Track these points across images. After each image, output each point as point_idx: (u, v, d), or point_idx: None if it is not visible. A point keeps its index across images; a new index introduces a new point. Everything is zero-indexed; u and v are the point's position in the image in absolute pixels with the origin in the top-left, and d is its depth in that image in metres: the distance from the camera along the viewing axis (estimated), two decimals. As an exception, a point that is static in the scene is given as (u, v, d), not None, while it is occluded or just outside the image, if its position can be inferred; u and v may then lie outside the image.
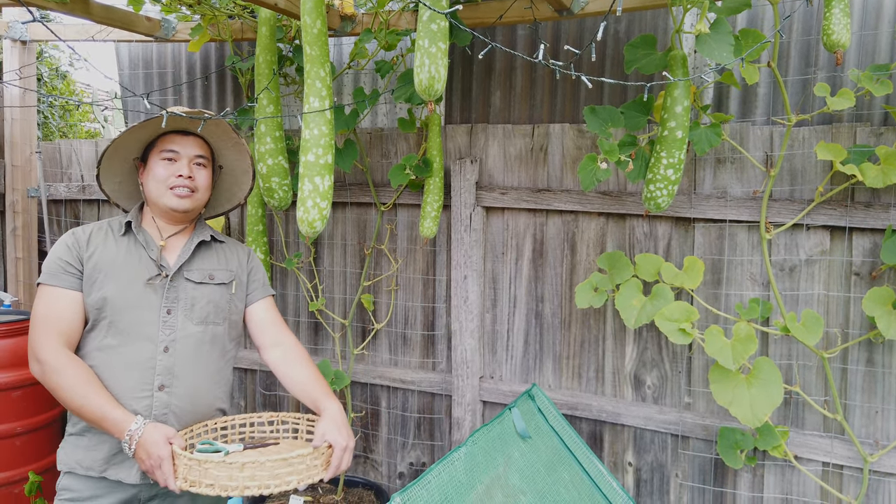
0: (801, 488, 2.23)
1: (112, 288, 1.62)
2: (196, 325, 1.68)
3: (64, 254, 1.63)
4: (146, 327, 1.62)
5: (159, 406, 1.61)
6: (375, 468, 2.92)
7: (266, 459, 1.40)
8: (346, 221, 2.87)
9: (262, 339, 1.80)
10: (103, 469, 1.60)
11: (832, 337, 2.18)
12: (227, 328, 1.75)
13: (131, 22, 2.68)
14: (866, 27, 2.25)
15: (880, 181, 1.94)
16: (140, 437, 1.49)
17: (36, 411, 2.79)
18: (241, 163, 1.84)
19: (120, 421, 1.51)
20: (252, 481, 1.41)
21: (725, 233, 2.28)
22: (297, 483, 1.44)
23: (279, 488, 1.42)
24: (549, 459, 2.13)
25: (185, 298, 1.68)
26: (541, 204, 2.49)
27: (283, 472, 1.43)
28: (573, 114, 2.67)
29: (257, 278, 1.84)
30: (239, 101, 3.12)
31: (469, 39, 2.21)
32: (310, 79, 1.86)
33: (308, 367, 1.75)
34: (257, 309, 1.82)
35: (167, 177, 1.68)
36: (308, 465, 1.47)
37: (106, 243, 1.67)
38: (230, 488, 1.40)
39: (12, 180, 3.24)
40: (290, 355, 1.77)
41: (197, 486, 1.43)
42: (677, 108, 1.98)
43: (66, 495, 1.62)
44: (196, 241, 1.74)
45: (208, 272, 1.73)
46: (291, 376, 1.74)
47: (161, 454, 1.47)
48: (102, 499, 1.61)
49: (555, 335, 2.56)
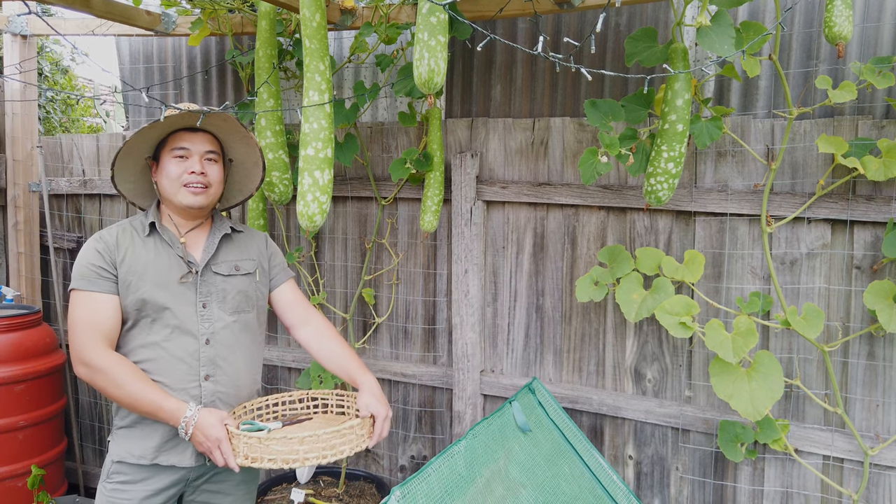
0: (801, 481, 2.23)
1: (148, 289, 1.69)
2: (230, 316, 1.77)
3: (96, 259, 1.69)
4: (187, 322, 1.71)
5: (207, 395, 1.72)
6: (377, 461, 2.92)
7: (322, 432, 1.54)
8: (347, 216, 2.87)
9: (291, 319, 1.91)
10: (154, 457, 1.70)
11: (833, 330, 2.17)
12: (255, 314, 1.85)
13: (131, 16, 2.68)
14: (868, 19, 2.24)
15: (882, 174, 1.94)
16: (196, 422, 1.60)
17: (39, 405, 2.80)
18: (250, 155, 1.88)
19: (175, 409, 1.61)
20: (311, 453, 1.54)
21: (726, 226, 2.27)
22: (350, 451, 1.60)
23: (335, 457, 1.57)
24: (549, 453, 2.14)
25: (216, 291, 1.77)
26: (541, 198, 2.49)
27: (338, 442, 1.57)
28: (574, 107, 2.66)
29: (278, 262, 1.94)
30: (239, 96, 3.12)
31: (469, 33, 2.20)
32: (309, 72, 1.86)
33: (340, 342, 1.88)
34: (282, 291, 1.92)
35: (180, 174, 1.73)
36: (357, 434, 1.63)
37: (134, 246, 1.73)
38: (291, 461, 1.53)
39: (13, 175, 3.24)
40: (322, 332, 1.88)
41: (259, 461, 1.56)
42: (678, 102, 1.97)
43: (119, 478, 1.71)
44: (219, 236, 1.81)
45: (234, 264, 1.82)
46: (326, 352, 1.86)
47: (219, 435, 1.58)
48: (154, 480, 1.71)
49: (555, 329, 2.56)
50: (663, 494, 2.43)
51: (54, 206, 3.34)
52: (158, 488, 1.71)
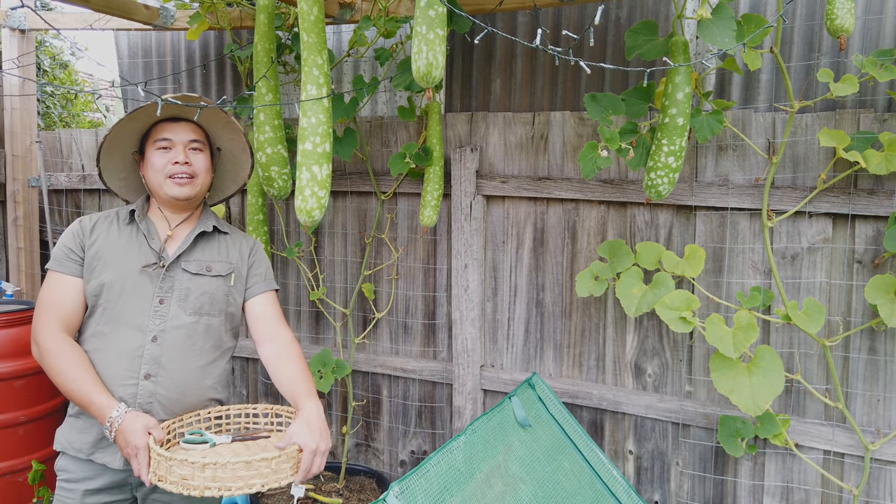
0: (801, 476, 2.23)
1: (109, 275, 1.64)
2: (189, 316, 1.68)
3: (69, 241, 1.67)
4: (137, 316, 1.64)
5: (144, 395, 1.63)
6: (377, 456, 2.92)
7: (227, 461, 1.37)
8: (347, 210, 2.86)
9: (258, 334, 1.79)
10: (91, 452, 1.65)
11: (834, 325, 2.17)
12: (223, 320, 1.74)
13: (130, 10, 2.67)
14: (870, 12, 2.22)
15: (884, 168, 1.92)
16: (120, 425, 1.51)
17: (39, 400, 2.80)
18: (237, 142, 1.83)
19: (103, 406, 1.54)
20: (213, 482, 1.37)
21: (727, 221, 2.26)
22: (262, 487, 1.40)
23: (241, 491, 1.39)
24: (549, 448, 2.13)
25: (179, 289, 1.68)
26: (541, 192, 2.48)
27: (246, 474, 1.39)
28: (574, 101, 2.65)
29: (258, 272, 1.82)
30: (238, 90, 3.11)
31: (469, 26, 2.19)
32: (307, 66, 1.85)
33: (296, 364, 1.72)
34: (256, 303, 1.80)
35: (164, 165, 1.69)
36: (274, 468, 1.43)
37: (109, 232, 1.70)
38: (192, 487, 1.38)
39: (13, 170, 3.24)
40: (282, 352, 1.74)
41: (164, 481, 1.42)
42: (679, 95, 1.96)
43: (64, 476, 1.68)
44: (196, 232, 1.74)
45: (206, 263, 1.73)
46: (279, 373, 1.72)
47: (138, 444, 1.48)
48: (94, 480, 1.66)
49: (555, 324, 2.55)
50: (663, 489, 2.43)
51: (54, 201, 3.33)
52: (98, 487, 1.65)
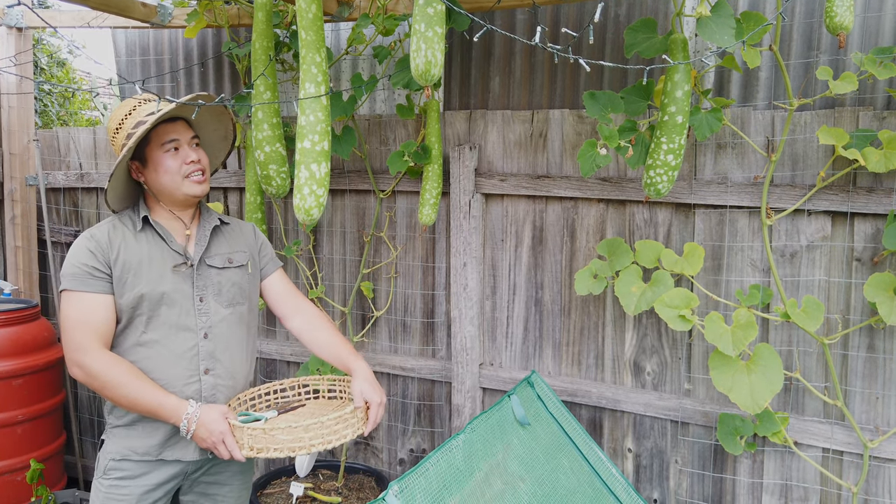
0: (800, 474, 2.23)
1: (144, 285, 1.67)
2: (226, 309, 1.77)
3: (88, 259, 1.65)
4: (184, 318, 1.71)
5: (207, 388, 1.73)
6: (376, 455, 2.92)
7: (325, 419, 1.58)
8: (346, 209, 2.85)
9: (282, 309, 1.91)
10: (159, 452, 1.71)
11: (833, 323, 2.17)
12: (248, 306, 1.85)
13: (127, 8, 2.66)
14: (870, 9, 2.22)
15: (883, 166, 1.92)
16: (198, 419, 1.61)
17: (37, 399, 2.80)
18: (218, 132, 1.90)
19: (176, 407, 1.61)
20: (315, 440, 1.57)
21: (726, 219, 2.26)
22: (352, 435, 1.64)
23: (338, 442, 1.61)
24: (548, 446, 2.13)
25: (212, 285, 1.76)
26: (540, 190, 2.47)
27: (341, 427, 1.61)
28: (573, 99, 2.64)
29: (267, 253, 1.94)
30: (237, 88, 3.10)
31: (467, 24, 2.18)
32: (305, 64, 1.84)
33: (331, 330, 1.88)
34: (272, 282, 1.92)
35: (179, 166, 1.71)
36: (358, 417, 1.66)
37: (126, 243, 1.70)
38: (297, 448, 1.56)
39: (10, 168, 3.23)
40: (313, 321, 1.88)
41: (265, 451, 1.58)
42: (678, 93, 1.96)
43: (117, 474, 1.70)
44: (209, 228, 1.80)
45: (227, 256, 1.81)
46: (316, 340, 1.86)
47: (223, 429, 1.60)
48: (154, 474, 1.71)
49: (554, 322, 2.55)
50: (662, 487, 2.43)
51: (51, 199, 3.33)
52: (158, 482, 1.70)
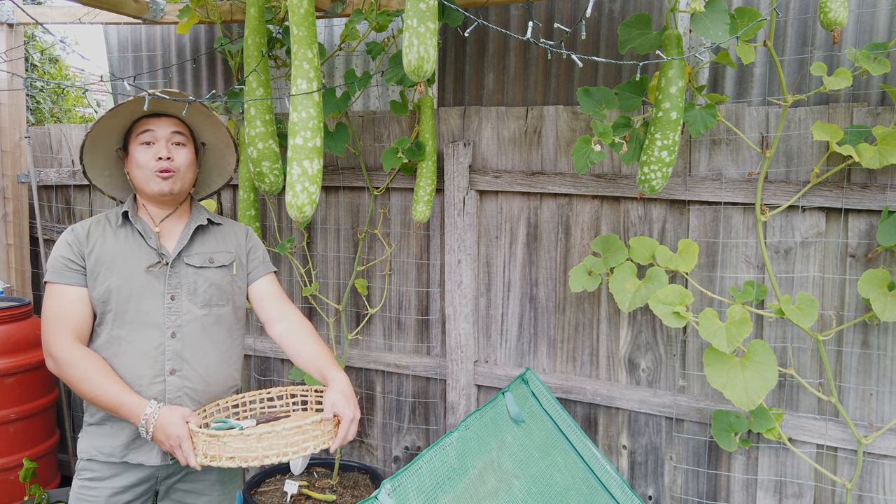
0: (795, 470, 2.23)
1: (115, 280, 1.66)
2: (201, 309, 1.72)
3: (66, 251, 1.67)
4: (152, 315, 1.67)
5: (172, 390, 1.67)
6: (371, 452, 2.92)
7: (281, 428, 1.48)
8: (339, 206, 2.84)
9: (266, 315, 1.85)
10: (123, 455, 1.68)
11: (827, 319, 2.17)
12: (231, 309, 1.80)
13: (119, 4, 2.64)
14: (864, 5, 2.21)
15: (877, 162, 1.92)
16: (156, 420, 1.56)
17: (30, 398, 2.78)
18: (220, 136, 1.85)
19: (135, 406, 1.58)
20: (270, 450, 1.48)
21: (720, 215, 2.26)
22: (314, 449, 1.53)
23: (297, 455, 1.50)
24: (542, 443, 2.13)
25: (187, 283, 1.72)
26: (535, 187, 2.47)
27: (299, 439, 1.51)
28: (567, 95, 2.63)
29: (257, 256, 1.88)
30: (229, 84, 3.08)
31: (461, 19, 2.17)
32: (297, 60, 1.83)
33: (314, 339, 1.80)
34: (259, 286, 1.87)
35: (148, 161, 1.69)
36: (323, 430, 1.56)
37: (105, 237, 1.70)
38: (250, 458, 1.48)
39: (2, 166, 3.20)
40: (296, 329, 1.81)
41: (217, 459, 1.51)
42: (672, 89, 1.95)
43: (87, 475, 1.69)
44: (193, 226, 1.77)
45: (208, 256, 1.77)
46: (298, 349, 1.79)
47: (179, 433, 1.54)
48: (121, 477, 1.68)
49: (549, 319, 2.54)
50: (657, 484, 2.43)
51: (44, 197, 3.30)
52: (126, 485, 1.67)
